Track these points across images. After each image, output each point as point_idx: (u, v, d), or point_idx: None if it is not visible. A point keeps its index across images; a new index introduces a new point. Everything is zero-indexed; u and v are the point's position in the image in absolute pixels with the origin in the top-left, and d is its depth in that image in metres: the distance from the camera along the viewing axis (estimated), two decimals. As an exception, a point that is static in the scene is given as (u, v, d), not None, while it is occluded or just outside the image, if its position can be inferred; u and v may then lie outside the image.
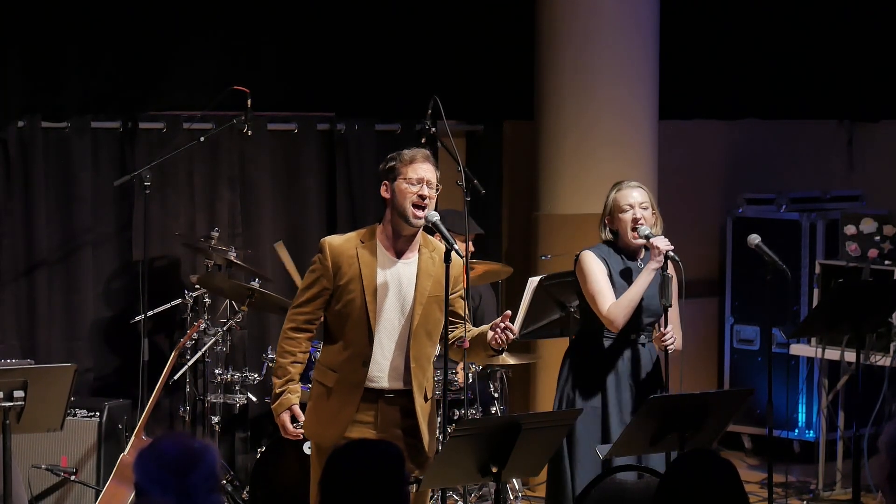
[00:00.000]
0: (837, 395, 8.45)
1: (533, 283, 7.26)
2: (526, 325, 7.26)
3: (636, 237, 6.14)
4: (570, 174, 8.59)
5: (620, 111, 8.58)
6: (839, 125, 10.31)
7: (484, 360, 6.24)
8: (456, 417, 7.26)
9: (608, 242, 6.24)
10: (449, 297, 5.50)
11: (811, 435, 9.09)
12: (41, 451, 7.27)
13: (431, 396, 5.66)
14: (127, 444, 7.18)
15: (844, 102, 10.15)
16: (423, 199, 5.48)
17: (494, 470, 4.99)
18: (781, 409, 8.88)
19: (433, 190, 5.53)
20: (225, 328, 7.70)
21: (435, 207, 5.57)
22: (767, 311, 8.87)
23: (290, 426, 5.61)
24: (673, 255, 6.04)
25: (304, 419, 5.63)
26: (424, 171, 5.52)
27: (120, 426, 7.44)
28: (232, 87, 7.62)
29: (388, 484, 3.76)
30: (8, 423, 5.71)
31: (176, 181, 8.19)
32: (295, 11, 8.46)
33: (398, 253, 5.58)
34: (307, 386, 6.01)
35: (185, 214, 8.24)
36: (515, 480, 7.68)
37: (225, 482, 7.44)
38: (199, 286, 7.76)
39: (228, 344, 7.85)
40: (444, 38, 8.89)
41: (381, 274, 5.53)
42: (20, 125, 7.83)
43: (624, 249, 6.22)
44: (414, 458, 5.48)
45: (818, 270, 8.60)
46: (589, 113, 8.55)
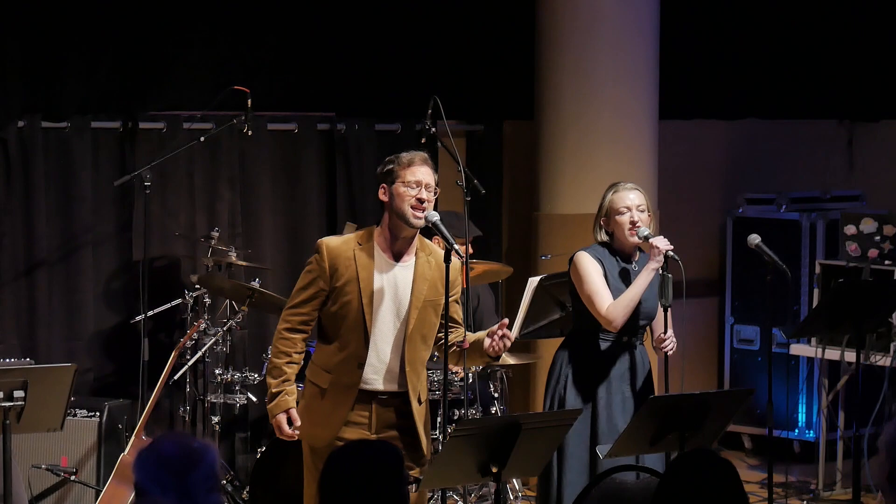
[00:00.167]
0: (837, 395, 8.45)
1: (533, 283, 7.25)
2: (526, 325, 7.25)
3: (633, 234, 6.12)
4: (570, 174, 8.59)
5: (620, 111, 8.58)
6: (839, 125, 10.31)
7: (481, 364, 6.23)
8: (456, 417, 7.26)
9: (603, 244, 6.22)
10: (448, 297, 5.49)
11: (811, 435, 9.09)
12: (41, 451, 7.27)
13: (426, 399, 5.66)
14: (127, 444, 7.18)
15: (844, 102, 10.15)
16: (421, 202, 5.46)
17: (494, 470, 4.98)
18: (781, 409, 8.88)
19: (431, 193, 5.51)
20: (225, 328, 7.70)
21: (434, 208, 5.56)
22: (767, 311, 8.85)
23: (286, 427, 5.58)
24: (673, 254, 6.03)
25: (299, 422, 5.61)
26: (423, 174, 5.49)
27: (120, 426, 7.44)
28: (232, 87, 7.61)
29: (387, 484, 3.76)
30: (8, 423, 5.70)
31: (176, 181, 8.19)
32: (295, 11, 8.46)
33: (395, 256, 5.56)
34: (303, 385, 6.00)
35: (185, 214, 8.24)
36: (515, 480, 7.68)
37: (225, 482, 7.44)
38: (199, 286, 7.76)
39: (228, 344, 7.85)
40: (443, 38, 8.89)
41: (377, 277, 5.51)
42: (20, 125, 7.83)
43: (619, 251, 6.20)
44: (411, 457, 5.46)
45: (818, 270, 8.60)
46: (589, 113, 8.55)
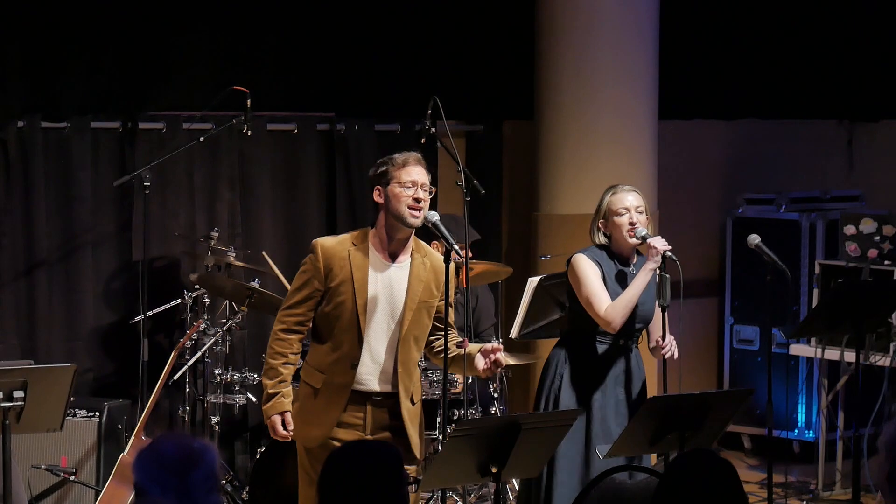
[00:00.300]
0: (837, 395, 8.45)
1: (533, 283, 7.25)
2: (526, 325, 7.25)
3: (632, 235, 6.12)
4: (570, 174, 8.59)
5: (620, 111, 8.58)
6: (839, 125, 10.31)
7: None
8: (456, 417, 7.26)
9: (601, 246, 6.21)
10: (449, 294, 5.49)
11: (811, 435, 9.09)
12: (41, 451, 7.26)
13: (418, 400, 5.66)
14: (127, 444, 7.17)
15: (844, 102, 10.15)
16: (417, 202, 5.45)
17: (494, 470, 4.98)
18: (781, 409, 8.88)
19: (426, 192, 5.50)
20: (225, 328, 7.70)
21: (432, 208, 5.54)
22: (767, 311, 8.84)
23: (279, 428, 5.58)
24: (670, 255, 6.03)
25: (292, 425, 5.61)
26: (417, 174, 5.49)
27: (120, 426, 7.43)
28: (232, 87, 7.61)
29: (387, 484, 3.76)
30: (8, 423, 5.70)
31: (176, 181, 8.19)
32: (295, 11, 8.46)
33: (390, 257, 5.55)
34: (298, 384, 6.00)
35: (184, 214, 8.24)
36: (515, 480, 7.67)
37: (225, 482, 7.44)
38: (198, 286, 7.76)
39: (228, 344, 7.85)
40: (443, 38, 8.89)
41: (372, 277, 5.50)
42: (20, 125, 7.83)
43: (617, 254, 6.19)
44: (404, 457, 5.45)
45: (818, 270, 8.60)
46: (589, 113, 8.55)
